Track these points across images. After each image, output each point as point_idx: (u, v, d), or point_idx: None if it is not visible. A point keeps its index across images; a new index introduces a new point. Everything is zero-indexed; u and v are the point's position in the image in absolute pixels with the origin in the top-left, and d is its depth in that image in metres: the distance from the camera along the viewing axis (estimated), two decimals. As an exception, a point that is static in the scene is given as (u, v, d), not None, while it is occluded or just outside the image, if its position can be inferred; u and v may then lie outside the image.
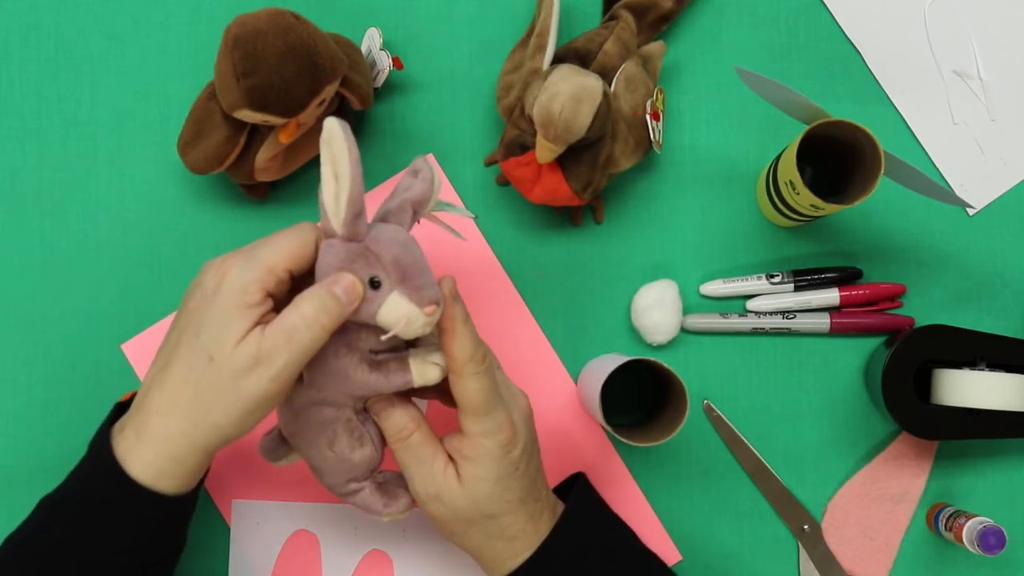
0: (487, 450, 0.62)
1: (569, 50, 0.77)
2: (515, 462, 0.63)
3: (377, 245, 0.59)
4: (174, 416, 0.59)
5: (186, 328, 0.59)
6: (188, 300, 0.60)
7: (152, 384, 0.60)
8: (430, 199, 0.63)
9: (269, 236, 0.61)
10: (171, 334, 0.61)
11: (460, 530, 0.64)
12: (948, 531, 0.76)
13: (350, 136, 0.57)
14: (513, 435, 0.63)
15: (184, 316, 0.60)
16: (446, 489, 0.63)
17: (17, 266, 0.79)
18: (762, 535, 0.80)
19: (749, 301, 0.80)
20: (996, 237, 0.82)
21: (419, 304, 0.58)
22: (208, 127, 0.71)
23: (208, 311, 0.58)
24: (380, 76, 0.77)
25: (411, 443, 0.63)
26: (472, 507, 0.63)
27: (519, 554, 0.64)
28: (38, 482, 0.78)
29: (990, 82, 0.82)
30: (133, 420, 0.60)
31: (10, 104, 0.80)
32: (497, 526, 0.64)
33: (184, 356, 0.58)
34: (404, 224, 0.61)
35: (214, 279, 0.59)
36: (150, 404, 0.59)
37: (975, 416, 0.76)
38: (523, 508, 0.64)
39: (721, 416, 0.80)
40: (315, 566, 0.78)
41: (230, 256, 0.60)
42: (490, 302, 0.80)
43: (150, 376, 0.61)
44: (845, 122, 0.70)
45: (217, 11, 0.81)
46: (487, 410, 0.62)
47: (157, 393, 0.59)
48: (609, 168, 0.75)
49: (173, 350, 0.60)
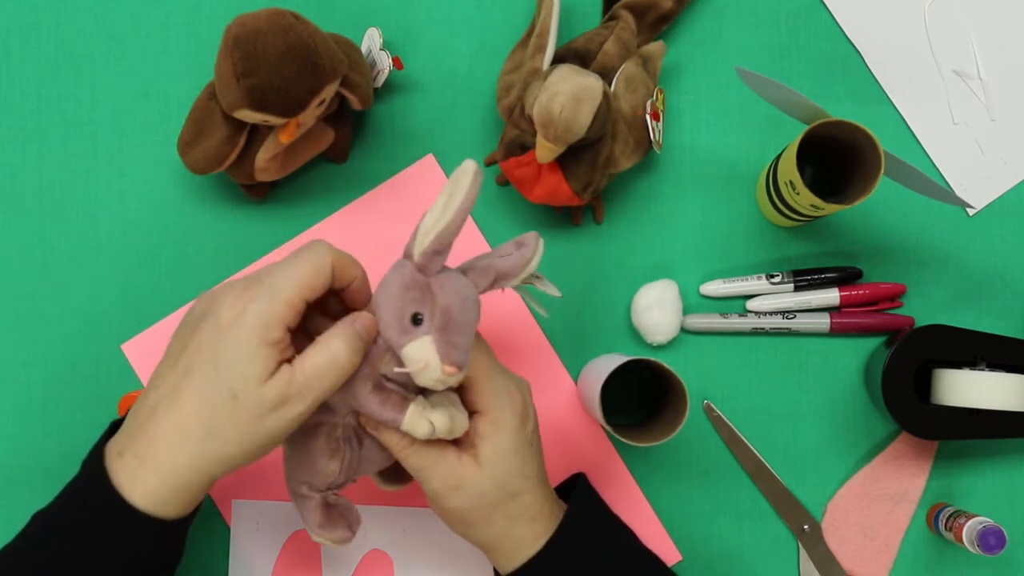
0: (503, 422, 0.63)
1: (569, 50, 0.77)
2: (529, 437, 0.64)
3: (440, 287, 0.58)
4: (185, 446, 0.58)
5: (199, 358, 0.58)
6: (198, 329, 0.59)
7: (158, 410, 0.59)
8: (518, 276, 0.62)
9: (283, 262, 0.59)
10: (177, 359, 0.59)
11: (484, 517, 0.64)
12: (948, 531, 0.76)
13: (477, 185, 0.57)
14: (524, 407, 0.64)
15: (195, 345, 0.58)
16: (466, 475, 0.62)
17: (17, 266, 0.79)
18: (762, 535, 0.80)
19: (749, 301, 0.80)
20: (996, 237, 0.82)
21: (444, 358, 0.57)
22: (208, 127, 0.71)
23: (226, 345, 0.57)
24: (380, 76, 0.77)
25: (418, 446, 0.63)
26: (495, 487, 0.63)
27: (539, 538, 0.64)
28: (38, 482, 0.78)
29: (990, 82, 0.82)
30: (134, 444, 0.59)
31: (10, 104, 0.80)
32: (520, 505, 0.64)
33: (200, 388, 0.57)
34: (479, 286, 0.61)
35: (231, 311, 0.57)
36: (156, 431, 0.58)
37: (975, 416, 0.76)
38: (541, 487, 0.65)
39: (721, 416, 0.80)
40: (315, 566, 0.78)
41: (246, 288, 0.58)
42: (490, 302, 0.80)
43: (153, 400, 0.59)
44: (845, 122, 0.70)
45: (217, 11, 0.81)
46: (490, 375, 0.63)
47: (165, 420, 0.58)
48: (609, 168, 0.75)
49: (184, 378, 0.58)
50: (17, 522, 0.65)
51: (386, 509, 0.78)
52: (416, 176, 0.80)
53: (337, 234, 0.80)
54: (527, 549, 0.64)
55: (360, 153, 0.81)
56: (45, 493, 0.71)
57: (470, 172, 0.57)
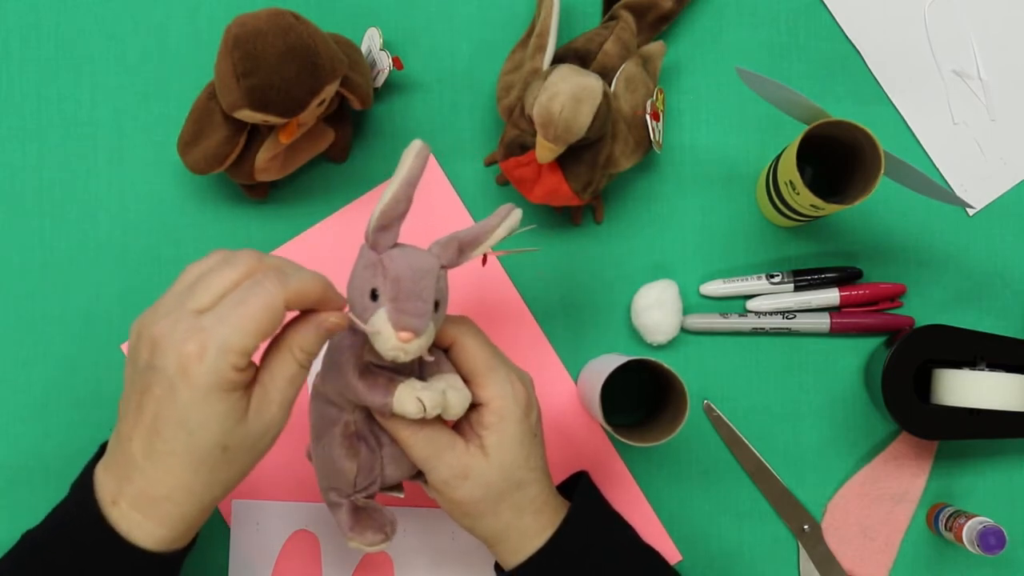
0: (508, 411, 0.63)
1: (569, 50, 0.77)
2: (533, 428, 0.65)
3: (390, 261, 0.59)
4: (189, 499, 0.57)
5: (169, 425, 0.55)
6: (150, 387, 0.55)
7: (147, 469, 0.56)
8: (482, 243, 0.63)
9: (229, 304, 0.55)
10: (140, 414, 0.56)
11: (490, 508, 0.64)
12: (948, 531, 0.76)
13: (419, 160, 0.59)
14: (528, 398, 0.64)
15: (154, 407, 0.55)
16: (473, 465, 0.63)
17: (17, 266, 0.79)
18: (762, 535, 0.80)
19: (749, 301, 0.80)
20: (996, 237, 0.82)
21: (395, 325, 0.58)
22: (208, 127, 0.71)
23: (190, 407, 0.54)
24: (380, 76, 0.77)
25: (424, 435, 0.63)
26: (502, 477, 0.63)
27: (544, 530, 0.65)
28: (38, 482, 0.78)
29: (990, 82, 0.82)
30: (127, 495, 0.57)
31: (10, 104, 0.80)
32: (526, 497, 0.64)
33: (185, 452, 0.55)
34: (443, 257, 0.61)
35: (179, 369, 0.54)
36: (154, 490, 0.57)
37: (975, 416, 0.76)
38: (545, 478, 0.66)
39: (721, 416, 0.80)
40: (315, 566, 0.78)
41: (188, 337, 0.54)
42: (490, 302, 0.80)
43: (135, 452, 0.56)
44: (845, 122, 0.70)
45: (217, 11, 0.81)
46: (492, 366, 0.63)
47: (161, 482, 0.56)
48: (609, 168, 0.75)
49: (160, 441, 0.55)
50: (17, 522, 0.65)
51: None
52: (416, 176, 0.80)
53: (337, 234, 0.80)
54: (532, 541, 0.65)
55: (360, 153, 0.81)
56: (45, 493, 0.71)
57: (412, 149, 0.59)
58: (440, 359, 0.64)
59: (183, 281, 0.58)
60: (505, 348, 0.79)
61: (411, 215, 0.80)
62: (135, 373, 0.57)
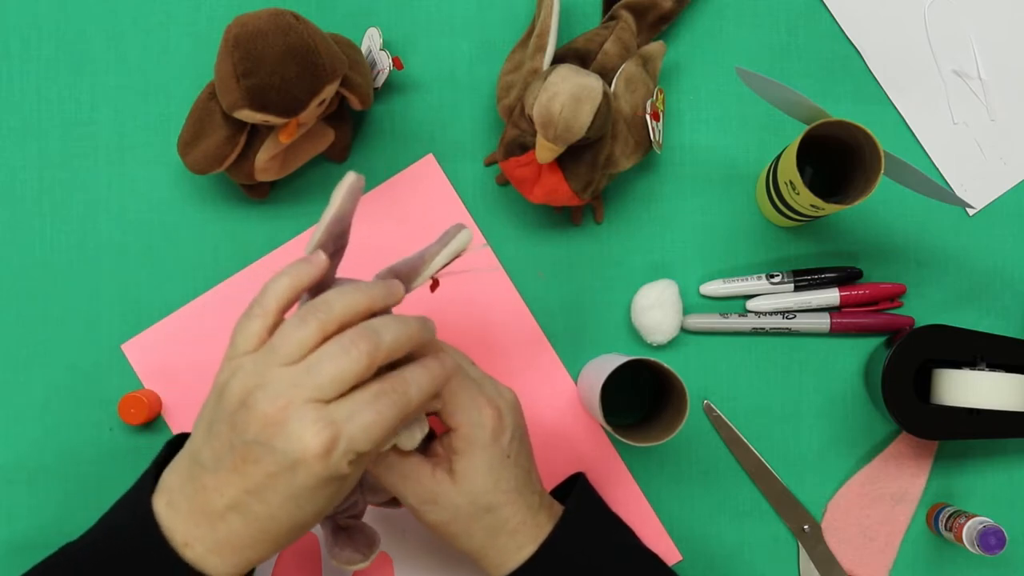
0: (475, 438, 0.62)
1: (569, 50, 0.77)
2: (505, 450, 0.63)
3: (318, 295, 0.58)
4: (272, 549, 0.58)
5: (272, 491, 0.55)
6: (259, 459, 0.55)
7: (232, 519, 0.56)
8: (419, 275, 0.61)
9: (364, 404, 0.54)
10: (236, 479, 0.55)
11: (463, 531, 0.64)
12: (948, 531, 0.76)
13: (350, 196, 0.57)
14: (499, 421, 0.63)
15: (260, 476, 0.55)
16: (440, 492, 0.63)
17: (17, 266, 0.79)
18: (762, 535, 0.80)
19: (749, 301, 0.80)
20: (996, 237, 0.82)
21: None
22: (208, 127, 0.71)
23: (302, 487, 0.55)
24: (380, 76, 0.77)
25: (391, 463, 0.63)
26: (470, 503, 0.63)
27: (522, 548, 0.64)
28: (38, 482, 0.78)
29: (990, 82, 0.82)
30: (208, 539, 0.57)
31: (10, 104, 0.80)
32: (498, 519, 0.64)
33: (285, 517, 0.56)
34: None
35: (299, 452, 0.54)
36: (236, 539, 0.57)
37: (975, 416, 0.76)
38: (521, 499, 0.64)
39: (721, 416, 0.80)
40: (315, 566, 0.78)
41: (317, 430, 0.53)
42: (490, 302, 0.80)
43: (218, 502, 0.56)
44: (845, 122, 0.70)
45: (217, 11, 0.81)
46: (455, 389, 0.62)
47: (246, 530, 0.57)
48: (609, 168, 0.75)
49: (259, 501, 0.55)
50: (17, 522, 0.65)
51: (386, 511, 0.78)
52: (416, 176, 0.80)
53: (337, 234, 0.80)
54: (513, 557, 0.65)
55: (360, 153, 0.81)
56: (45, 493, 0.71)
57: (343, 185, 0.57)
58: None
59: (287, 350, 0.55)
60: (505, 349, 0.79)
61: (411, 216, 0.80)
62: (236, 437, 0.55)
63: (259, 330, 0.57)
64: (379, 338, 0.55)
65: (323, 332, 0.55)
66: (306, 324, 0.55)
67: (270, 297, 0.57)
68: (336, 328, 0.55)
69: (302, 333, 0.55)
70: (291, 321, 0.56)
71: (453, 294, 0.79)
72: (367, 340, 0.55)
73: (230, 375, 0.56)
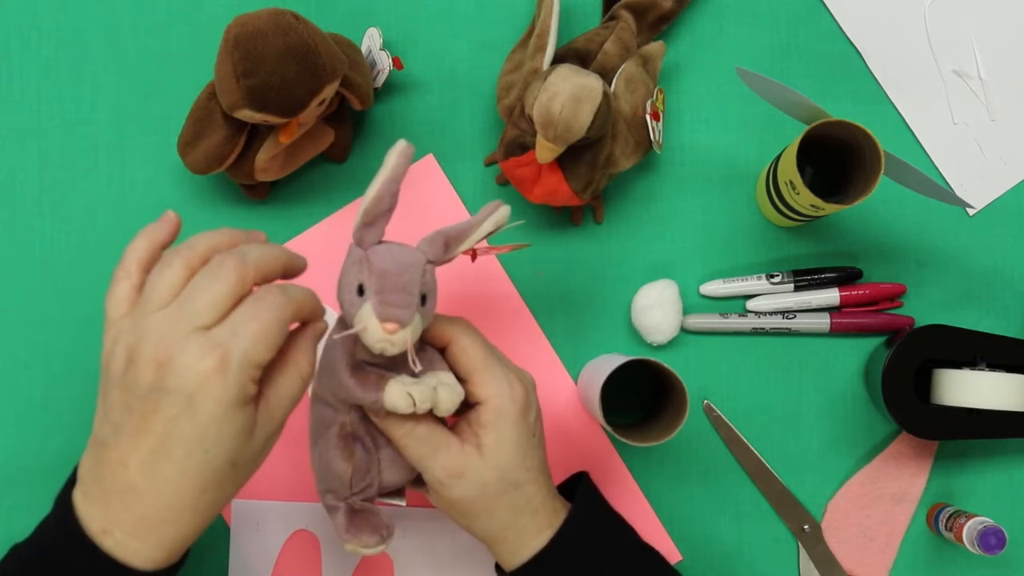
0: (505, 410, 0.63)
1: (569, 50, 0.77)
2: (531, 427, 0.64)
3: (376, 256, 0.60)
4: (193, 519, 0.56)
5: (181, 441, 0.54)
6: (157, 406, 0.54)
7: (141, 489, 0.55)
8: (468, 238, 0.63)
9: (242, 313, 0.54)
10: (139, 439, 0.54)
11: (486, 508, 0.64)
12: (948, 531, 0.76)
13: (403, 159, 0.60)
14: (526, 397, 0.64)
15: (161, 425, 0.54)
16: (468, 464, 0.63)
17: (17, 266, 0.79)
18: (762, 535, 0.80)
19: (749, 301, 0.80)
20: (996, 237, 0.82)
21: (380, 317, 0.59)
22: (208, 127, 0.71)
23: (207, 421, 0.54)
24: (380, 76, 0.77)
25: (419, 434, 0.63)
26: (497, 477, 0.63)
27: (541, 532, 0.64)
28: (38, 482, 0.78)
29: (990, 82, 0.82)
30: (123, 520, 0.55)
31: (10, 104, 0.80)
32: (522, 497, 0.64)
33: (197, 470, 0.55)
34: (430, 252, 0.62)
35: (195, 381, 0.53)
36: (153, 514, 0.55)
37: (975, 416, 0.76)
38: (543, 479, 0.65)
39: (721, 416, 0.80)
40: (315, 566, 0.78)
41: (205, 353, 0.53)
42: (490, 302, 0.80)
43: (125, 477, 0.55)
44: (845, 122, 0.70)
45: (217, 11, 0.81)
46: (489, 364, 0.63)
47: (162, 502, 0.55)
48: (609, 168, 0.75)
49: (167, 461, 0.54)
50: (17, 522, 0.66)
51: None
52: (416, 176, 0.80)
53: (337, 234, 0.80)
54: (531, 542, 0.64)
55: (360, 153, 0.81)
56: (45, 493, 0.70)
57: (397, 148, 0.60)
58: (435, 358, 0.64)
59: (157, 295, 0.55)
60: (505, 348, 0.79)
61: (411, 215, 0.80)
62: (131, 396, 0.54)
63: (127, 292, 0.57)
64: (245, 256, 0.55)
65: (189, 268, 0.56)
66: (170, 266, 0.56)
67: (129, 259, 0.58)
68: (200, 263, 0.56)
69: (168, 273, 0.56)
70: (155, 268, 0.56)
71: (454, 295, 0.79)
72: (233, 258, 0.55)
73: (112, 342, 0.56)
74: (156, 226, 0.60)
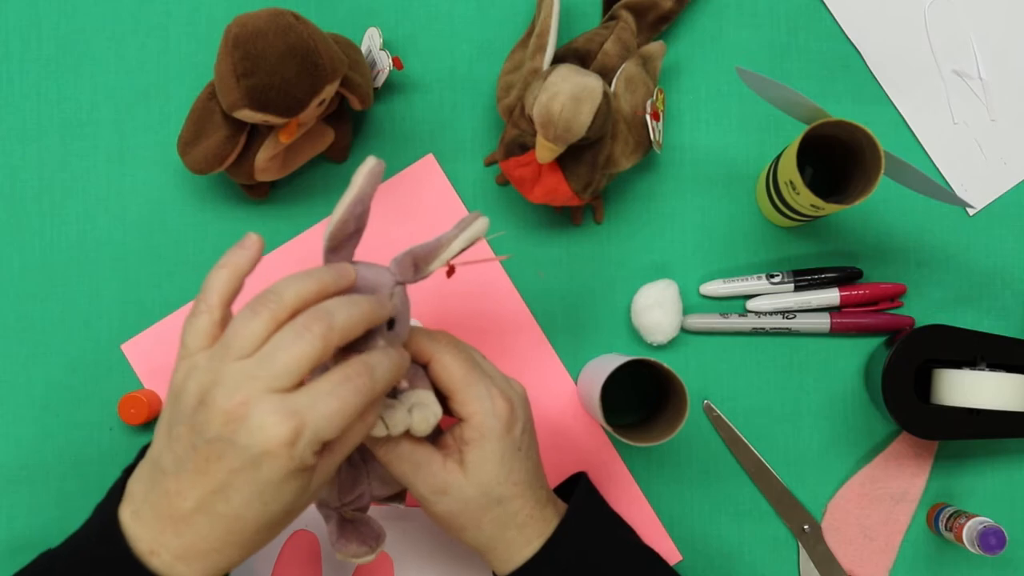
0: (487, 428, 0.62)
1: (569, 50, 0.77)
2: (516, 442, 0.63)
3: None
4: (241, 553, 0.57)
5: (237, 489, 0.54)
6: (222, 455, 0.54)
7: (198, 521, 0.55)
8: (436, 258, 0.61)
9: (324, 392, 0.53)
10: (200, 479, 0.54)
11: (472, 523, 0.64)
12: (948, 531, 0.76)
13: (369, 179, 0.57)
14: (511, 412, 0.63)
15: (224, 473, 0.54)
16: (451, 481, 0.62)
17: (17, 266, 0.79)
18: (762, 535, 0.80)
19: (749, 301, 0.80)
20: (996, 237, 0.82)
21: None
22: (208, 127, 0.71)
23: (268, 481, 0.54)
24: (380, 76, 0.77)
25: (401, 452, 0.62)
26: (480, 493, 0.62)
27: (530, 542, 0.64)
28: (38, 482, 0.78)
29: (990, 82, 0.82)
30: (173, 545, 0.56)
31: (10, 104, 0.80)
32: (507, 512, 0.63)
33: (252, 516, 0.55)
34: (398, 273, 0.60)
35: (263, 445, 0.53)
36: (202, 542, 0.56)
37: (975, 416, 0.76)
38: (530, 492, 0.64)
39: (721, 416, 0.80)
40: (315, 566, 0.78)
41: (280, 420, 0.52)
42: (490, 302, 0.80)
43: (180, 505, 0.55)
44: (845, 122, 0.70)
45: (217, 11, 0.81)
46: (471, 381, 0.62)
47: (213, 535, 0.56)
48: (609, 168, 0.75)
49: (223, 501, 0.54)
50: (16, 522, 0.65)
51: (386, 509, 0.78)
52: (416, 176, 0.80)
53: (337, 234, 0.80)
54: (520, 552, 0.64)
55: (360, 153, 0.81)
56: (45, 493, 0.71)
57: (363, 168, 0.57)
58: (417, 374, 0.63)
59: (240, 343, 0.54)
60: (505, 349, 0.79)
61: (411, 216, 0.80)
62: (197, 437, 0.54)
63: (207, 326, 0.56)
64: (331, 319, 0.54)
65: (275, 321, 0.54)
66: (257, 315, 0.54)
67: (211, 292, 0.57)
68: (288, 316, 0.55)
69: (254, 324, 0.54)
70: (242, 313, 0.55)
71: (453, 294, 0.79)
72: (319, 322, 0.54)
73: (185, 376, 0.56)
74: (238, 253, 0.58)
